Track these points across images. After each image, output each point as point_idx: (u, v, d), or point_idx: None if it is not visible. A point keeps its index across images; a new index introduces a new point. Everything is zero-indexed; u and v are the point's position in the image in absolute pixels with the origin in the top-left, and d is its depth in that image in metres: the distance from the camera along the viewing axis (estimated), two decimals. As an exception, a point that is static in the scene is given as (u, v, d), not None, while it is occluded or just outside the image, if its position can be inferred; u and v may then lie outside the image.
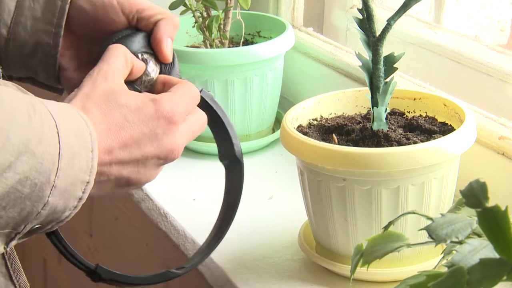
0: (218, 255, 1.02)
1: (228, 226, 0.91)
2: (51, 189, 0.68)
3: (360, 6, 0.92)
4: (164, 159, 0.80)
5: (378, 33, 0.91)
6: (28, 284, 0.85)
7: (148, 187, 1.19)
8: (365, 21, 0.91)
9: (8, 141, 0.65)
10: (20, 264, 0.85)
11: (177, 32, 0.86)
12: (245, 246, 1.03)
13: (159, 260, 1.21)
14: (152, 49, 0.84)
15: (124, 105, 0.76)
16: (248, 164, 1.26)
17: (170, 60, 0.85)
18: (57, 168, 0.68)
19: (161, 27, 0.84)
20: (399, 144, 0.91)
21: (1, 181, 0.65)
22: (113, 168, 0.75)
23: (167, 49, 0.84)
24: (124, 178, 0.77)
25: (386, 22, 0.90)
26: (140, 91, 0.81)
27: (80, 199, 0.72)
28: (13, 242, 0.70)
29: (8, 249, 0.71)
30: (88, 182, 0.72)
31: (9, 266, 0.83)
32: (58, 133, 0.68)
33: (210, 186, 1.20)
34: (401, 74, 1.17)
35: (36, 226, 0.70)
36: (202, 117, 0.83)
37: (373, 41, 0.91)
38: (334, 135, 0.94)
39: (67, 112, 0.71)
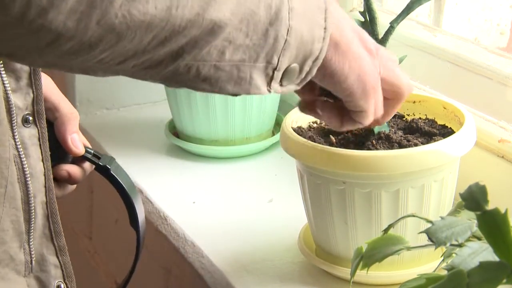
0: (217, 257, 1.02)
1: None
2: (288, 11, 0.66)
3: (361, 9, 0.92)
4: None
5: (380, 36, 0.91)
6: (66, 247, 0.87)
7: (148, 190, 1.19)
8: (368, 24, 0.91)
9: None
10: (61, 228, 0.86)
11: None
12: (245, 249, 1.03)
13: (159, 263, 1.21)
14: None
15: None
16: (248, 166, 1.26)
17: (80, 152, 0.91)
18: None
19: (61, 128, 0.90)
20: (400, 145, 0.91)
21: (231, 0, 0.63)
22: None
23: (73, 145, 0.90)
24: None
25: (389, 25, 0.90)
26: None
27: (325, 28, 0.69)
28: (275, 85, 0.69)
29: (272, 92, 0.69)
30: (326, 9, 0.69)
31: (52, 229, 0.85)
32: None
33: (209, 189, 1.20)
34: (401, 77, 1.17)
35: (292, 65, 0.68)
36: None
37: (375, 44, 0.91)
38: (331, 136, 0.94)
39: None
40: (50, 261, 0.86)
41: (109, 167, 0.92)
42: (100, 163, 0.92)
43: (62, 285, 0.86)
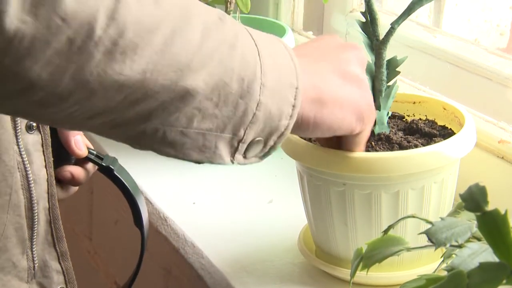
0: (217, 258, 1.02)
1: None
2: (260, 87, 0.67)
3: (362, 10, 0.92)
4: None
5: (380, 37, 0.91)
6: (68, 252, 0.88)
7: (148, 191, 1.19)
8: (369, 25, 0.91)
9: (208, 32, 0.65)
10: (63, 233, 0.87)
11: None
12: (245, 250, 1.03)
13: (159, 263, 1.21)
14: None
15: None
16: (248, 167, 1.26)
17: (83, 154, 0.91)
18: (260, 65, 0.67)
19: (64, 130, 0.90)
20: (400, 146, 0.91)
21: (205, 70, 0.64)
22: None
23: (76, 146, 0.91)
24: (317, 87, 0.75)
25: (390, 26, 0.90)
26: None
27: (294, 106, 0.70)
28: (239, 156, 0.70)
29: (235, 163, 0.70)
30: (297, 88, 0.70)
31: (54, 235, 0.86)
32: (252, 37, 0.69)
33: (209, 189, 1.20)
34: (401, 78, 1.17)
35: (257, 139, 0.70)
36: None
37: (377, 45, 0.91)
38: None
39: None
40: (53, 267, 0.86)
41: (113, 168, 0.93)
42: (104, 164, 0.93)
43: None
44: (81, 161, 0.92)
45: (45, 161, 0.83)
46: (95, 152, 0.93)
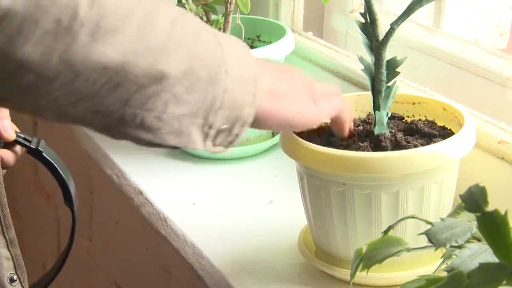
0: (217, 259, 1.02)
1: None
2: (224, 73, 0.71)
3: (361, 10, 0.92)
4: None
5: (380, 38, 0.91)
6: (16, 239, 0.90)
7: (148, 192, 1.19)
8: (368, 25, 0.91)
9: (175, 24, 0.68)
10: (11, 221, 0.89)
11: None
12: (244, 250, 1.03)
13: (159, 264, 1.21)
14: None
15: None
16: (248, 168, 1.26)
17: (11, 137, 0.93)
18: (223, 54, 0.71)
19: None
20: (400, 146, 0.91)
21: (176, 56, 0.67)
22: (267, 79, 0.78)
23: (4, 130, 0.92)
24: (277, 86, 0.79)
25: (390, 26, 0.90)
26: None
27: (254, 95, 0.73)
28: (209, 143, 0.73)
29: (205, 149, 0.73)
30: (256, 78, 0.74)
31: (2, 222, 0.88)
32: (210, 30, 0.72)
33: (209, 190, 1.20)
34: (401, 79, 1.17)
35: (224, 126, 0.72)
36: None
37: (376, 45, 0.91)
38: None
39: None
40: (2, 254, 0.88)
41: (41, 150, 0.95)
42: (32, 146, 0.95)
43: (15, 277, 0.88)
44: (9, 145, 0.94)
45: None
46: (22, 135, 0.95)
